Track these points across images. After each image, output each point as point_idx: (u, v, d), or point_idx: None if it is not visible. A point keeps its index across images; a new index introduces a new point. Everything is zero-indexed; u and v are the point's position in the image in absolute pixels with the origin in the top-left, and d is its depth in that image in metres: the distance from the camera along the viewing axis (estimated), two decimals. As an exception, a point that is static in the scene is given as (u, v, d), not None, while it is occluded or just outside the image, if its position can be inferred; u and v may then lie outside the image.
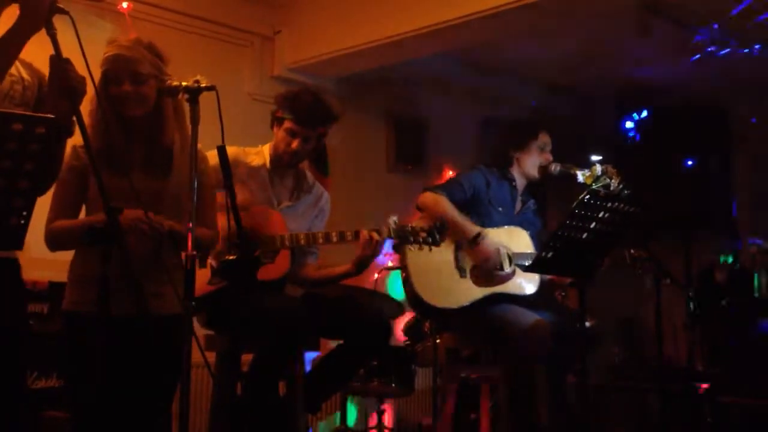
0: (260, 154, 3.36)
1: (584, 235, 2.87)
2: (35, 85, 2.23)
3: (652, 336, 4.41)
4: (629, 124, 5.80)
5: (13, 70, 2.19)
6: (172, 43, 2.63)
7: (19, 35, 2.06)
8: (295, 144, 3.25)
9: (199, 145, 2.34)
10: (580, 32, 5.38)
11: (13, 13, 2.09)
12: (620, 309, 6.24)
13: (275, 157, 3.32)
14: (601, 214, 2.84)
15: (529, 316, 3.42)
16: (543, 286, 3.69)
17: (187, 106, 2.34)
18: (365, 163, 5.99)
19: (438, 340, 4.19)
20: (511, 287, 3.61)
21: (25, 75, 2.23)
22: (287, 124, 3.24)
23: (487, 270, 3.53)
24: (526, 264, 3.47)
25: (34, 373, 3.31)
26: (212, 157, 3.05)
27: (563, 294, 4.33)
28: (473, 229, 3.53)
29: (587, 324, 3.19)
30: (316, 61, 5.32)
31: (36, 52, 2.21)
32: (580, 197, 2.77)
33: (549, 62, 6.02)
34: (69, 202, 2.44)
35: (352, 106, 5.67)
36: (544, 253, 2.93)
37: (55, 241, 2.43)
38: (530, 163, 3.76)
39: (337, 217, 3.64)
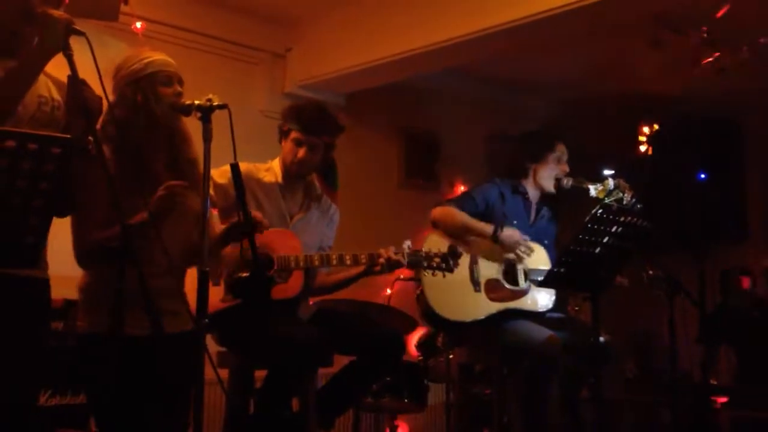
0: (271, 170, 3.38)
1: (597, 250, 2.87)
2: (65, 104, 2.25)
3: (666, 350, 4.38)
4: (642, 138, 5.77)
5: (44, 90, 2.22)
6: (185, 62, 2.64)
7: (37, 58, 2.09)
8: (301, 153, 3.27)
9: None
10: (592, 46, 5.39)
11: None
12: (633, 323, 6.21)
13: (285, 171, 3.34)
14: (613, 229, 2.84)
15: (542, 332, 3.41)
16: (558, 301, 3.68)
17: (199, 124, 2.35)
18: (376, 178, 5.99)
19: (451, 356, 4.18)
20: (525, 303, 3.60)
21: (55, 95, 2.26)
22: (293, 135, 3.28)
23: (523, 251, 3.57)
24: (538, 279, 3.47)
25: (48, 391, 3.31)
26: (224, 173, 3.07)
27: (577, 308, 4.31)
28: (489, 228, 3.56)
29: (601, 339, 3.18)
30: (326, 78, 5.35)
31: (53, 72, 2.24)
32: (592, 212, 2.77)
33: (560, 76, 6.03)
34: (92, 220, 2.44)
35: (362, 122, 5.70)
36: (556, 269, 2.93)
37: (85, 259, 2.44)
38: (546, 175, 3.75)
39: (348, 233, 3.65)
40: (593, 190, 3.46)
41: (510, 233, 3.57)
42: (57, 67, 2.16)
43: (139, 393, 2.32)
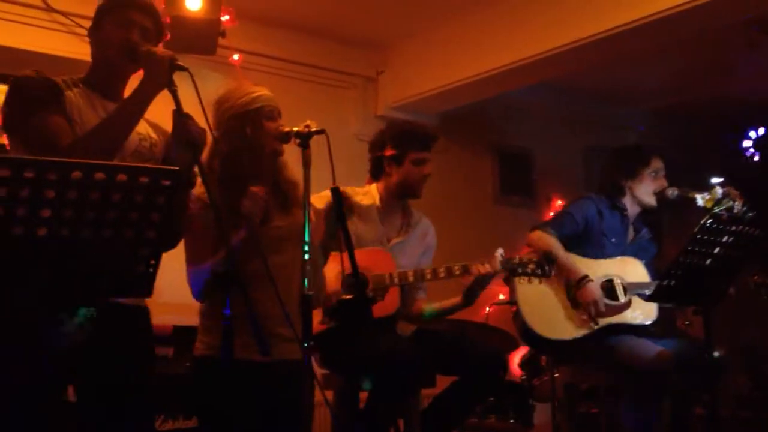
0: (369, 194, 3.41)
1: (707, 261, 2.76)
2: (162, 143, 2.34)
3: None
4: (747, 143, 5.56)
5: (141, 129, 2.31)
6: (279, 90, 2.71)
7: (143, 95, 2.17)
8: (427, 169, 3.34)
9: None
10: (687, 52, 5.24)
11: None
12: (746, 336, 5.95)
13: (393, 193, 3.36)
14: (724, 239, 2.72)
15: (652, 347, 3.30)
16: (663, 314, 3.55)
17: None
18: (472, 196, 5.97)
19: (556, 374, 4.09)
20: (628, 317, 3.49)
21: (152, 134, 2.35)
22: (413, 156, 3.32)
23: (590, 313, 3.45)
24: (644, 293, 3.36)
25: (161, 416, 3.41)
26: (322, 198, 3.12)
27: (687, 323, 4.15)
28: (578, 273, 3.45)
29: (715, 353, 3.05)
30: (418, 98, 5.39)
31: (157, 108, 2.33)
32: (701, 222, 2.67)
33: (655, 84, 5.89)
34: (203, 251, 2.51)
35: (455, 141, 5.70)
36: (665, 282, 2.83)
37: (199, 290, 2.52)
38: (644, 191, 3.64)
39: (444, 251, 3.63)
40: (701, 199, 3.33)
41: (589, 293, 3.42)
42: (156, 102, 2.24)
43: (249, 418, 2.36)
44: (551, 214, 4.15)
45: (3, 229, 1.66)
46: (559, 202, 5.58)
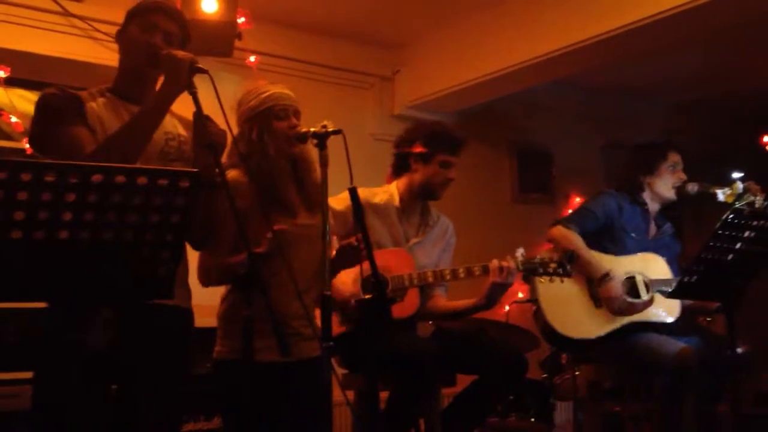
0: (387, 193, 3.40)
1: (729, 257, 2.73)
2: (192, 139, 2.35)
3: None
4: (768, 138, 5.50)
5: (169, 127, 2.33)
6: (295, 91, 2.72)
7: (164, 98, 2.19)
8: (452, 173, 3.33)
9: None
10: (708, 47, 5.20)
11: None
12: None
13: (414, 193, 3.36)
14: (746, 234, 2.69)
15: (674, 344, 3.28)
16: (685, 311, 3.53)
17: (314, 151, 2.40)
18: (490, 194, 5.96)
19: (577, 373, 4.07)
20: (650, 315, 3.47)
21: (181, 131, 2.37)
22: (440, 158, 3.31)
23: (612, 310, 3.43)
24: (666, 290, 3.34)
25: (184, 416, 3.42)
26: (341, 200, 3.12)
27: (708, 319, 4.11)
28: (600, 270, 3.44)
29: (739, 350, 3.02)
30: (435, 97, 5.38)
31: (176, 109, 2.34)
32: (723, 217, 2.64)
33: (676, 80, 5.84)
34: (220, 246, 2.52)
35: (473, 138, 5.67)
36: (687, 278, 2.80)
37: (204, 277, 2.54)
38: (663, 185, 3.63)
39: (463, 250, 3.62)
40: (721, 194, 3.31)
41: (611, 290, 3.41)
42: (178, 104, 2.26)
43: (272, 418, 2.37)
44: (569, 211, 4.12)
45: (25, 234, 1.67)
46: (578, 199, 5.55)
